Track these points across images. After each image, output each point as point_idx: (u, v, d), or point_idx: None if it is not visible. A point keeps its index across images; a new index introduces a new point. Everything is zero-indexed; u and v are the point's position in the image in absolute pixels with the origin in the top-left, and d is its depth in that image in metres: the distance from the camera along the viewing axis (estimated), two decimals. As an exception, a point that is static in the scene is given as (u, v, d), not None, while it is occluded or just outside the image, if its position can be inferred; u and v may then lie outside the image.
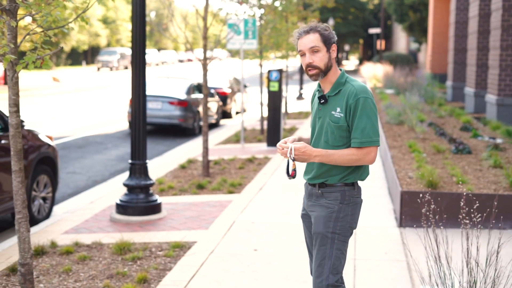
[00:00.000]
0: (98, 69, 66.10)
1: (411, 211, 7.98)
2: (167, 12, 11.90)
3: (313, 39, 4.12)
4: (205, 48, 11.59)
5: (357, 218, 4.30)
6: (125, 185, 8.82)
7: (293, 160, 4.06)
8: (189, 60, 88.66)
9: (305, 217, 4.44)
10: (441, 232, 5.02)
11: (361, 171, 4.22)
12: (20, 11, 5.48)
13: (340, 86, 4.16)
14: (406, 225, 8.04)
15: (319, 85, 4.28)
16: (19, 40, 5.32)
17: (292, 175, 4.09)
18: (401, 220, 8.10)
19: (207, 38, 11.64)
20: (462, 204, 4.77)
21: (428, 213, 4.88)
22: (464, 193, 5.35)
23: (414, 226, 7.91)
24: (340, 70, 4.25)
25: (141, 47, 8.69)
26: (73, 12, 5.65)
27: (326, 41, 4.13)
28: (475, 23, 19.24)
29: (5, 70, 5.25)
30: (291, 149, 4.02)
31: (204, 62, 11.62)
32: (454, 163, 10.06)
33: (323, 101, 4.21)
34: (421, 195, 6.46)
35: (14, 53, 5.22)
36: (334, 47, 4.16)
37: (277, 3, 17.43)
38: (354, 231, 7.82)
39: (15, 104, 5.36)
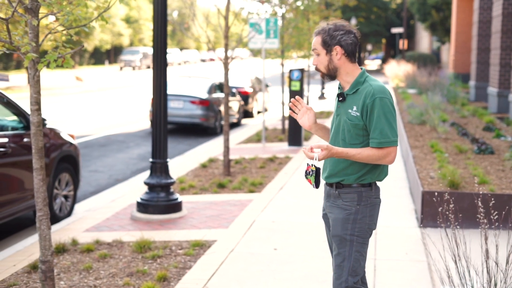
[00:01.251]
0: (121, 68, 66.44)
1: (432, 211, 7.93)
2: (189, 11, 11.92)
3: (315, 42, 4.18)
4: (226, 47, 11.60)
5: (376, 219, 4.27)
6: (146, 183, 8.85)
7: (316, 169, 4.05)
8: (211, 59, 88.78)
9: (326, 217, 4.43)
10: (461, 232, 4.98)
11: (378, 171, 4.19)
12: (42, 10, 5.52)
13: (359, 85, 4.14)
14: (427, 225, 7.99)
15: (340, 83, 4.29)
16: (40, 38, 5.36)
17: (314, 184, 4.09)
18: (422, 220, 8.05)
19: (229, 37, 11.65)
20: (479, 204, 4.72)
21: (447, 213, 4.83)
22: (481, 193, 5.31)
23: (435, 226, 7.87)
24: (361, 69, 4.23)
25: (162, 47, 8.72)
26: (95, 11, 5.69)
27: (325, 44, 4.13)
28: (498, 22, 19.08)
29: (27, 68, 5.30)
30: (316, 158, 4.01)
31: (226, 61, 11.63)
32: (476, 163, 9.99)
33: (341, 98, 4.21)
34: (436, 194, 6.39)
35: (35, 51, 5.25)
36: (337, 49, 4.12)
37: (299, 3, 17.41)
38: (374, 231, 7.82)
39: (36, 102, 5.39)
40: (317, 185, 4.07)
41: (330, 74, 4.20)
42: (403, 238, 7.64)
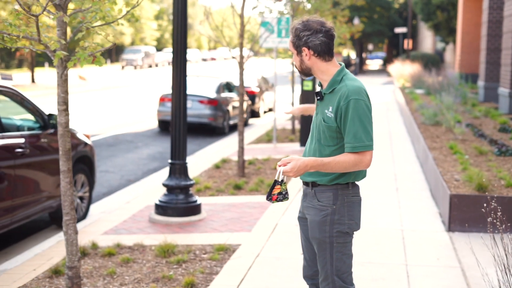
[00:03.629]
0: (123, 67, 66.38)
1: (461, 215, 7.73)
2: (204, 9, 11.74)
3: (289, 42, 4.07)
4: (241, 46, 11.42)
5: (357, 218, 4.07)
6: (164, 185, 8.65)
7: (280, 183, 3.85)
8: (213, 58, 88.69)
9: (301, 219, 4.25)
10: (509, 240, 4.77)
11: (355, 173, 4.00)
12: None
13: (335, 85, 3.95)
14: (455, 230, 7.79)
15: (320, 81, 4.12)
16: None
17: (273, 199, 3.87)
18: (449, 224, 7.84)
19: (244, 36, 11.46)
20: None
21: (495, 221, 4.62)
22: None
23: (464, 231, 7.69)
24: (340, 64, 4.03)
25: (182, 46, 8.51)
26: (123, 8, 5.50)
27: (295, 45, 4.01)
28: (510, 22, 18.87)
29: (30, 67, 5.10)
30: (279, 172, 3.82)
31: (241, 60, 11.44)
32: (499, 165, 9.77)
33: (318, 97, 4.05)
34: (479, 200, 6.18)
35: (64, 49, 5.07)
36: (305, 51, 3.96)
37: (307, 4, 17.24)
38: (401, 234, 7.64)
39: (64, 102, 5.20)
40: (267, 196, 3.89)
41: (304, 73, 4.06)
42: (431, 243, 7.44)
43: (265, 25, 14.60)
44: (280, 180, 3.85)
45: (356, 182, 4.07)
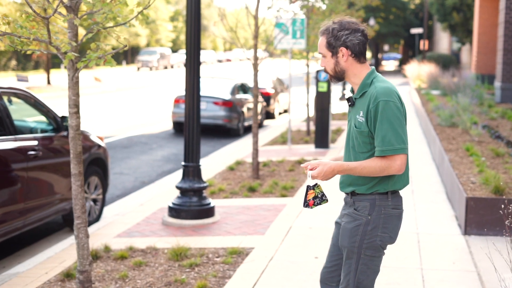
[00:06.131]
0: (138, 69, 66.56)
1: (477, 218, 7.63)
2: (219, 11, 11.69)
3: (320, 44, 3.91)
4: (255, 47, 11.35)
5: (393, 231, 3.90)
6: (178, 187, 8.59)
7: (312, 188, 3.80)
8: (228, 60, 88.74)
9: (336, 224, 4.16)
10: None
11: (392, 180, 3.85)
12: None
13: (366, 88, 3.84)
14: (471, 233, 7.69)
15: (351, 86, 4.00)
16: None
17: (310, 204, 3.82)
18: (465, 227, 7.74)
19: (258, 38, 11.39)
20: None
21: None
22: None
23: (480, 234, 7.59)
24: (371, 67, 3.92)
25: (196, 47, 8.46)
26: (134, 8, 5.44)
27: (330, 46, 3.85)
28: (527, 22, 18.70)
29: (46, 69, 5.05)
30: (309, 177, 3.76)
31: (255, 62, 11.38)
32: (516, 167, 9.66)
33: (350, 103, 3.93)
34: (496, 203, 6.08)
35: (75, 51, 5.02)
36: (342, 51, 3.82)
37: (322, 4, 17.16)
38: (416, 238, 7.55)
39: (75, 105, 5.18)
40: (304, 203, 3.85)
41: (338, 77, 3.91)
42: (447, 246, 7.34)
43: (280, 26, 14.52)
44: (312, 184, 3.80)
45: (400, 192, 3.94)
